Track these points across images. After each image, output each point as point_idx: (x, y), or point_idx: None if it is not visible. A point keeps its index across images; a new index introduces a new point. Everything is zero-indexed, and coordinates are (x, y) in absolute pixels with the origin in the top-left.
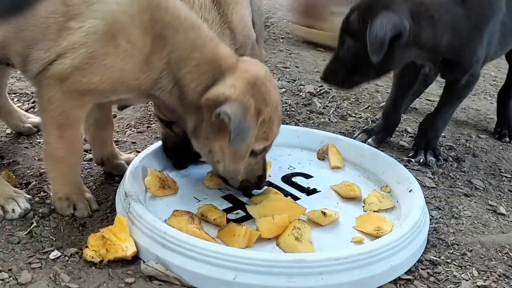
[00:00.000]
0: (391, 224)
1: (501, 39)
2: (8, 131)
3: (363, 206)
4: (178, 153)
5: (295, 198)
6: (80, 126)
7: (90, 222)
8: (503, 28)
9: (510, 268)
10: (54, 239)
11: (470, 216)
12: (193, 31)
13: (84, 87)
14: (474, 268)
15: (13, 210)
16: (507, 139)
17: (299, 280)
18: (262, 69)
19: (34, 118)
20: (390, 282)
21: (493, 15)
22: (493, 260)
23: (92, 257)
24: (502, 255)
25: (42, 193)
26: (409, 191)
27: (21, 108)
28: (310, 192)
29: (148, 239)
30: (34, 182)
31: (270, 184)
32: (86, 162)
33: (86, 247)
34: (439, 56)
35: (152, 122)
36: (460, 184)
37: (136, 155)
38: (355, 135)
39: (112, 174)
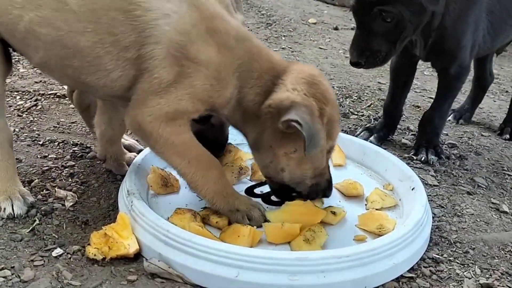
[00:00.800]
0: (393, 222)
1: (490, 28)
2: (11, 128)
3: (366, 204)
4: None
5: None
6: (197, 143)
7: (92, 220)
8: (492, 17)
9: None
10: (56, 236)
11: (472, 214)
12: (246, 40)
13: (166, 109)
14: (476, 266)
15: (4, 209)
16: (507, 136)
17: (302, 278)
18: (313, 67)
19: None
20: (393, 280)
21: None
22: (496, 258)
23: (95, 255)
24: (505, 253)
25: (44, 191)
26: (412, 189)
27: (23, 106)
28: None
29: (150, 236)
30: (36, 180)
31: None
32: (88, 160)
33: (89, 244)
34: (430, 33)
35: None
36: (462, 182)
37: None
38: (357, 133)
39: (113, 172)
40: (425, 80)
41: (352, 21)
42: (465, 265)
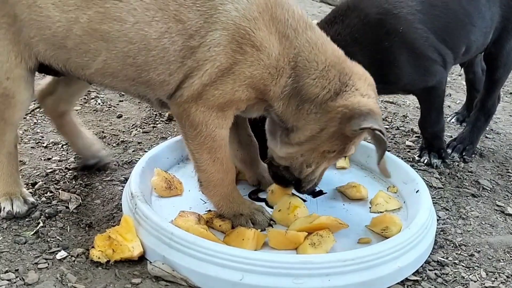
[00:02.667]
0: (399, 225)
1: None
2: None
3: (370, 207)
4: None
5: (302, 200)
6: (227, 145)
7: (96, 222)
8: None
9: None
10: (60, 239)
11: (477, 216)
12: (309, 30)
13: (221, 100)
14: (482, 269)
15: (3, 208)
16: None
17: (306, 281)
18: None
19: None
20: (398, 283)
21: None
22: (501, 261)
23: (99, 258)
24: (510, 256)
25: (48, 193)
26: (416, 192)
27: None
28: (316, 194)
29: (154, 239)
30: (40, 182)
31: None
32: None
33: (93, 247)
34: None
35: (157, 122)
36: (467, 184)
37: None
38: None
39: (116, 175)
40: None
41: None
42: (471, 268)
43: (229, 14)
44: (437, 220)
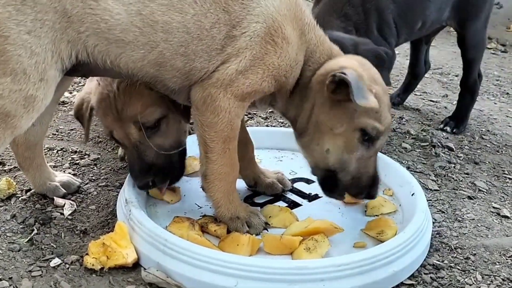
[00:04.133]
0: (395, 229)
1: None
2: None
3: (365, 211)
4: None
5: (297, 205)
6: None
7: (91, 229)
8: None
9: None
10: (54, 246)
11: (473, 219)
12: (315, 27)
13: (248, 90)
14: (477, 272)
15: None
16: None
17: (301, 286)
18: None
19: (62, 177)
20: (393, 287)
21: None
22: (497, 264)
23: (93, 265)
24: (506, 259)
25: (43, 199)
26: (412, 195)
27: None
28: (311, 198)
29: (148, 246)
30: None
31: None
32: (87, 167)
33: (87, 254)
34: None
35: None
36: (463, 186)
37: None
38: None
39: (112, 180)
40: (425, 83)
41: None
42: (466, 272)
43: (268, 9)
44: (433, 223)
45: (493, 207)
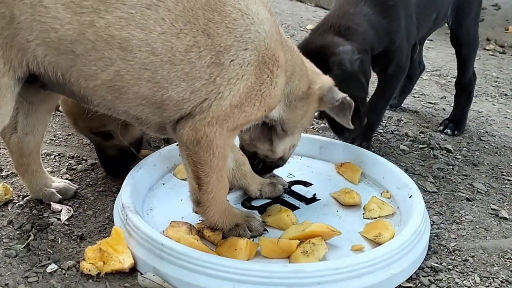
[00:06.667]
0: (392, 231)
1: (416, 24)
2: None
3: (363, 213)
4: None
5: (295, 208)
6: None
7: (88, 234)
8: (417, 12)
9: None
10: (51, 252)
11: (471, 221)
12: (291, 50)
13: (243, 122)
14: (476, 275)
15: None
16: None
17: None
18: None
19: (59, 183)
20: None
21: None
22: (495, 265)
23: (89, 270)
24: (505, 261)
25: (40, 205)
26: (409, 197)
27: None
28: (309, 200)
29: (145, 250)
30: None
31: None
32: (84, 173)
33: (83, 259)
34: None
35: None
36: (461, 188)
37: None
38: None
39: (109, 185)
40: (423, 85)
41: None
42: (465, 274)
43: (259, 35)
44: (431, 225)
45: (492, 209)
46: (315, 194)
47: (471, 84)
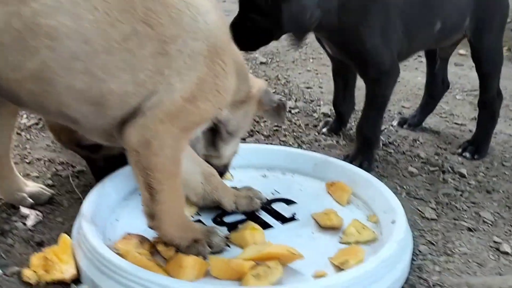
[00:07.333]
0: (360, 258)
1: (405, 31)
2: None
3: (341, 237)
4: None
5: (268, 226)
6: None
7: (48, 241)
8: (406, 18)
9: None
10: (4, 256)
11: (465, 253)
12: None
13: (196, 119)
14: None
15: None
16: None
17: None
18: None
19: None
20: None
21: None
22: None
23: (29, 278)
24: None
25: (11, 208)
26: (392, 223)
27: (24, 124)
28: (286, 220)
29: (87, 262)
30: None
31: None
32: (64, 179)
33: (28, 266)
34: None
35: None
36: (465, 216)
37: None
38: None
39: None
40: (455, 104)
41: None
42: None
43: (207, 25)
44: (417, 255)
45: (494, 241)
46: (294, 214)
47: (495, 103)
